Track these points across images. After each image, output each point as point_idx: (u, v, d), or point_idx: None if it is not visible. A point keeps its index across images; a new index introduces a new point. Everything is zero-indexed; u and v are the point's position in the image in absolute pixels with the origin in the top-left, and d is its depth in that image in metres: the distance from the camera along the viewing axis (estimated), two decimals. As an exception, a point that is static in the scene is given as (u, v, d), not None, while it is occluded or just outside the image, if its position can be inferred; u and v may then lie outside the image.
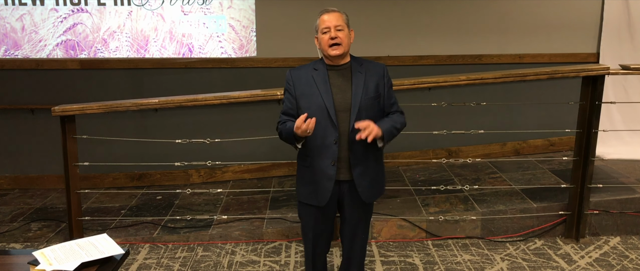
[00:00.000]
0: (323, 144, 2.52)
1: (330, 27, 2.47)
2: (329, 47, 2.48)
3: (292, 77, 2.56)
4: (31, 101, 4.77)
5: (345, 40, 2.49)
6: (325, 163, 2.54)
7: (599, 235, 3.85)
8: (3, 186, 4.91)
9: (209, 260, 3.57)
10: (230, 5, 4.69)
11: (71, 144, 3.58)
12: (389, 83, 2.61)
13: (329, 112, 2.49)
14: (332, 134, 2.50)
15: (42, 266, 2.04)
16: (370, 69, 2.57)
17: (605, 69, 3.54)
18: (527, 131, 4.97)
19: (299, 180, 2.70)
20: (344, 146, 2.53)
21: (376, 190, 2.69)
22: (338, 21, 2.47)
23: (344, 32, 2.49)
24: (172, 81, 4.77)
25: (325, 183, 2.56)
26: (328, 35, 2.47)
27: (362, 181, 2.58)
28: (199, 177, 4.94)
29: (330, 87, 2.51)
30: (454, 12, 4.83)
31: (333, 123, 2.49)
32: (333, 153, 2.52)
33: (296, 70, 2.59)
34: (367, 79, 2.53)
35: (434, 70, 4.83)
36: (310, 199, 2.63)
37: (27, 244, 3.79)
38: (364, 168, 2.57)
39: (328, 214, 2.68)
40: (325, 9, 2.53)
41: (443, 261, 3.52)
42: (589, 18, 4.93)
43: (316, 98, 2.50)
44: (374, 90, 2.54)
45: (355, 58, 2.60)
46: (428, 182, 4.49)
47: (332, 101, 2.49)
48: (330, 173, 2.54)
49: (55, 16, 4.65)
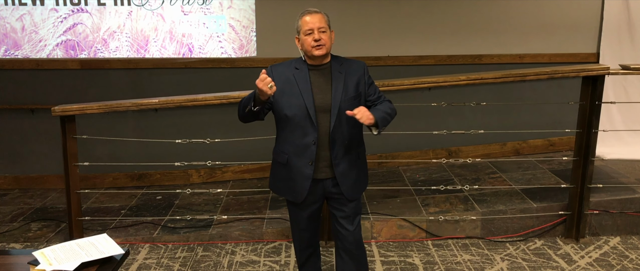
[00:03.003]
0: (301, 143, 2.54)
1: (313, 29, 2.48)
2: (312, 48, 2.49)
3: (273, 73, 2.55)
4: (31, 101, 4.77)
5: (328, 42, 2.51)
6: (303, 162, 2.56)
7: (599, 235, 3.85)
8: (3, 186, 4.91)
9: (209, 260, 3.57)
10: (230, 5, 4.69)
11: (71, 144, 3.58)
12: (369, 81, 2.62)
13: (309, 112, 2.50)
14: (311, 134, 2.52)
15: (42, 266, 2.04)
16: (350, 69, 2.58)
17: (605, 69, 3.54)
18: (527, 131, 4.97)
19: (274, 175, 2.73)
20: (324, 145, 2.54)
21: (360, 186, 2.70)
22: (321, 23, 2.49)
23: (327, 33, 2.51)
24: (172, 81, 4.77)
25: (303, 181, 2.58)
26: (312, 37, 2.48)
27: (345, 179, 2.60)
28: (199, 177, 4.94)
29: (311, 87, 2.52)
30: (454, 12, 4.82)
31: (313, 123, 2.51)
32: (311, 153, 2.54)
33: (277, 67, 2.60)
34: (346, 79, 2.54)
35: (434, 70, 4.83)
36: (287, 194, 2.67)
37: (27, 244, 3.79)
38: (346, 166, 2.59)
39: (312, 210, 2.70)
40: (307, 10, 2.55)
41: (443, 261, 3.52)
42: (589, 18, 4.93)
43: (296, 98, 2.51)
44: (354, 89, 2.55)
45: (335, 57, 2.61)
46: (428, 182, 4.49)
47: (313, 101, 2.51)
48: (308, 172, 2.56)
49: (55, 16, 4.65)
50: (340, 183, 2.60)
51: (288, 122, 2.55)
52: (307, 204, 2.67)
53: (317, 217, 2.77)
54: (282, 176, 2.66)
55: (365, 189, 2.76)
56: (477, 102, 3.94)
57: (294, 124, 2.54)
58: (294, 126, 2.54)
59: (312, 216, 2.73)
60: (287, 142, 2.59)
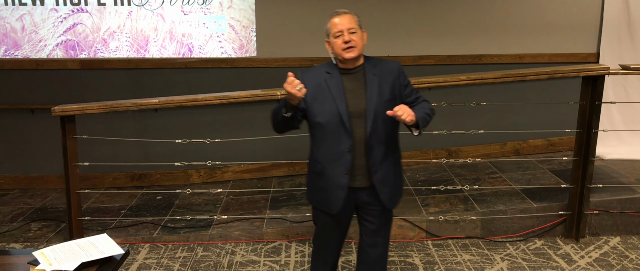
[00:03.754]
0: (336, 151, 2.42)
1: (343, 30, 2.37)
2: (343, 50, 2.37)
3: (304, 79, 2.41)
4: (31, 101, 4.77)
5: (359, 43, 2.40)
6: (338, 172, 2.43)
7: (599, 235, 3.85)
8: (3, 186, 4.91)
9: (209, 260, 3.57)
10: (230, 5, 4.69)
11: (71, 144, 3.58)
12: (405, 82, 2.50)
13: (343, 118, 2.38)
14: (345, 141, 2.40)
15: (42, 266, 2.04)
16: (385, 70, 2.46)
17: (605, 69, 3.54)
18: (527, 131, 4.97)
19: (309, 185, 2.59)
20: (360, 153, 2.42)
21: (398, 194, 2.59)
22: (351, 24, 2.39)
23: (357, 34, 2.40)
24: (172, 81, 4.77)
25: (338, 191, 2.45)
26: (341, 39, 2.37)
27: (384, 187, 2.47)
28: (199, 177, 4.94)
29: (344, 92, 2.40)
30: (454, 12, 4.82)
31: (346, 130, 2.39)
32: (346, 161, 2.41)
33: (308, 72, 2.48)
34: (381, 82, 2.42)
35: (434, 70, 4.83)
36: (322, 205, 2.54)
37: (27, 244, 3.79)
38: (384, 173, 2.46)
39: (342, 220, 2.58)
40: (336, 11, 2.43)
41: (443, 261, 3.52)
42: (589, 18, 4.93)
43: (329, 104, 2.39)
44: (390, 93, 2.43)
45: (368, 59, 2.49)
46: (428, 182, 4.49)
47: (346, 106, 2.39)
48: (343, 182, 2.43)
49: (55, 16, 4.65)
50: (379, 192, 2.47)
51: (321, 130, 2.43)
52: (341, 215, 2.54)
53: (346, 228, 2.64)
54: (317, 186, 2.53)
55: (401, 197, 2.63)
56: (477, 102, 3.94)
57: (327, 132, 2.42)
58: (327, 133, 2.42)
59: (341, 226, 2.61)
60: (321, 150, 2.46)
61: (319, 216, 2.61)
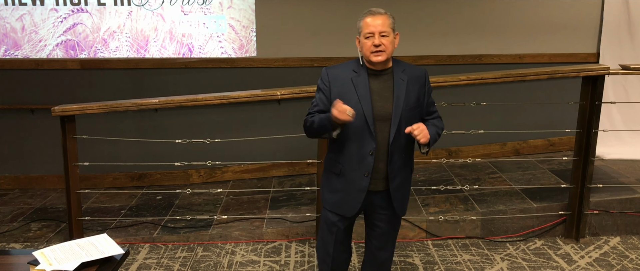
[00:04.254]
0: (358, 154, 2.37)
1: (374, 33, 2.29)
2: (371, 53, 2.31)
3: (328, 76, 2.38)
4: (31, 101, 4.77)
5: (389, 47, 2.32)
6: (358, 174, 2.39)
7: (599, 235, 3.85)
8: (3, 186, 4.91)
9: (209, 260, 3.57)
10: (230, 5, 4.69)
11: (71, 144, 3.58)
12: (429, 90, 2.48)
13: (368, 121, 2.32)
14: (369, 144, 2.35)
15: (42, 266, 2.04)
16: (412, 76, 2.40)
17: (605, 69, 3.54)
18: (527, 131, 4.97)
19: (326, 187, 2.54)
20: (382, 157, 2.38)
21: (407, 201, 2.58)
22: (383, 26, 2.30)
23: (389, 38, 2.31)
24: (172, 81, 4.77)
25: (356, 194, 2.42)
26: (371, 41, 2.30)
27: (397, 193, 2.46)
28: (199, 177, 4.94)
29: (370, 94, 2.34)
30: (454, 12, 4.83)
31: (371, 133, 2.34)
32: (368, 164, 2.37)
33: (333, 69, 2.41)
34: (409, 88, 2.37)
35: (434, 70, 4.81)
36: (338, 209, 2.50)
37: (27, 244, 3.79)
38: (401, 180, 2.45)
39: (351, 222, 2.58)
40: (371, 10, 2.35)
41: (443, 261, 3.52)
42: (589, 18, 4.93)
43: (354, 105, 2.30)
44: (416, 99, 2.39)
45: (397, 62, 2.42)
46: (428, 182, 4.49)
47: (372, 109, 2.33)
48: (363, 185, 2.40)
49: (55, 16, 4.65)
50: (393, 198, 2.45)
51: (345, 131, 2.36)
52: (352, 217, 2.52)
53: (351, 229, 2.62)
54: (335, 187, 2.48)
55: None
56: (477, 102, 3.94)
57: (350, 133, 2.35)
58: (351, 134, 2.35)
59: (348, 228, 2.58)
60: (343, 151, 2.41)
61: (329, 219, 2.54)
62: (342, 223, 2.54)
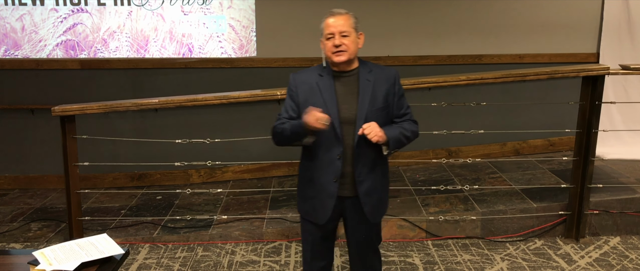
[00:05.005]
0: (326, 158, 2.34)
1: (334, 33, 2.27)
2: (332, 54, 2.29)
3: (295, 82, 2.37)
4: (31, 101, 4.77)
5: (351, 47, 2.29)
6: (327, 179, 2.36)
7: (599, 235, 3.85)
8: (3, 186, 4.91)
9: (209, 260, 3.57)
10: (230, 5, 4.69)
11: (71, 144, 3.58)
12: (400, 91, 2.40)
13: (333, 124, 2.28)
14: (336, 148, 2.32)
15: (42, 266, 2.04)
16: (380, 76, 2.36)
17: (605, 69, 3.54)
18: (527, 131, 4.97)
19: (299, 194, 2.52)
20: (348, 161, 2.34)
21: (382, 208, 2.50)
22: (344, 26, 2.27)
23: (350, 38, 2.29)
24: (172, 81, 4.77)
25: (326, 200, 2.38)
26: (332, 42, 2.28)
27: (368, 199, 2.39)
28: (199, 177, 4.94)
29: (336, 97, 2.32)
30: (454, 12, 4.83)
31: (337, 136, 2.31)
32: (336, 168, 2.33)
33: (300, 74, 2.40)
34: (375, 88, 2.33)
35: (434, 70, 4.83)
36: (310, 216, 2.47)
37: (27, 244, 3.79)
38: (370, 184, 2.38)
39: (328, 231, 2.51)
40: (332, 11, 2.33)
41: (443, 261, 3.52)
42: (589, 18, 4.93)
43: (320, 108, 2.28)
44: (383, 100, 2.34)
45: (363, 63, 2.39)
46: (428, 182, 4.49)
47: (337, 112, 2.30)
48: (332, 190, 2.36)
49: (55, 16, 4.65)
50: (363, 203, 2.38)
51: None
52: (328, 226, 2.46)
53: (332, 237, 2.56)
54: (306, 193, 2.46)
55: (385, 212, 2.54)
56: (477, 102, 3.94)
57: (318, 137, 2.31)
58: (318, 139, 2.31)
59: (327, 235, 2.52)
60: (312, 156, 2.38)
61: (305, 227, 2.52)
62: (318, 231, 2.48)
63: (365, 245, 2.53)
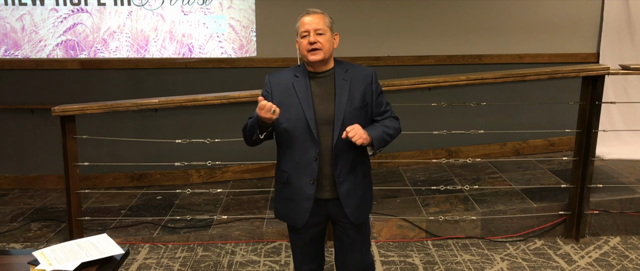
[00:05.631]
0: (302, 160, 2.30)
1: (309, 31, 2.27)
2: (307, 52, 2.27)
3: (271, 83, 2.35)
4: (31, 101, 4.77)
5: (326, 45, 2.27)
6: (304, 181, 2.31)
7: (599, 235, 3.85)
8: (3, 186, 4.91)
9: (209, 260, 3.57)
10: (230, 5, 4.69)
11: (71, 144, 3.59)
12: (377, 90, 2.37)
13: (309, 125, 2.26)
14: (312, 149, 2.28)
15: (42, 266, 2.04)
16: (357, 75, 2.33)
17: (605, 69, 3.54)
18: (527, 131, 4.97)
19: (276, 197, 2.47)
20: (327, 162, 2.30)
21: (365, 209, 2.45)
22: (319, 25, 2.27)
23: (325, 36, 2.27)
24: (172, 81, 4.77)
25: (303, 202, 2.33)
26: (307, 40, 2.27)
27: (349, 200, 2.35)
28: (199, 177, 4.94)
29: (311, 97, 2.29)
30: (454, 12, 4.83)
31: (313, 137, 2.27)
32: (312, 170, 2.29)
33: (275, 75, 2.38)
34: (352, 87, 2.30)
35: (434, 70, 4.83)
36: (287, 219, 2.43)
37: (27, 244, 3.79)
38: (351, 185, 2.34)
39: (315, 234, 2.46)
40: (307, 10, 2.33)
41: (443, 261, 3.52)
42: (589, 18, 4.93)
43: (296, 109, 2.27)
44: (361, 99, 2.31)
45: (339, 63, 2.37)
46: (428, 182, 4.49)
47: (313, 112, 2.27)
48: (309, 192, 2.31)
49: (55, 16, 4.65)
50: (344, 205, 2.34)
51: (287, 137, 2.31)
52: (308, 227, 2.41)
53: (320, 240, 2.51)
54: (283, 197, 2.41)
55: (370, 212, 2.50)
56: (477, 102, 3.94)
57: (293, 138, 2.30)
58: (294, 140, 2.29)
59: (314, 239, 2.47)
60: (287, 158, 2.35)
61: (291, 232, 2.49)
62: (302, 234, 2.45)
63: (351, 247, 2.47)
